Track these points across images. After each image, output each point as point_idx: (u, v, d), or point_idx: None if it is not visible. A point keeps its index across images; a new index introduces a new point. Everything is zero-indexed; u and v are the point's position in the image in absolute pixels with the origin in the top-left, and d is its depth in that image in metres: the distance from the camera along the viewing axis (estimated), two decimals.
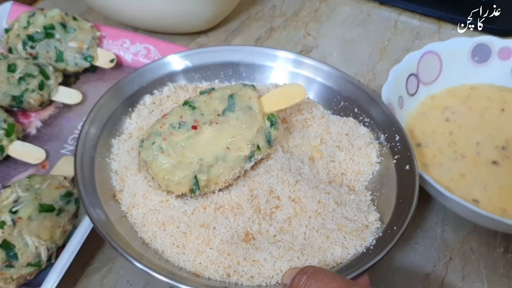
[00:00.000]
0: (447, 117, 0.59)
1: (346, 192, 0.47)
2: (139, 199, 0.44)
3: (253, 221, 0.43)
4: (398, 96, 0.56)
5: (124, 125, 0.51)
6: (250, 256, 0.41)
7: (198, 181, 0.43)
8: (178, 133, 0.44)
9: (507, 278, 0.48)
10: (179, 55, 0.54)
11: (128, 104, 0.51)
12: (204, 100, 0.47)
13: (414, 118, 0.58)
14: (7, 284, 0.43)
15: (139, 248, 0.40)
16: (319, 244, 0.42)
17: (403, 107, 0.57)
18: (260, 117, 0.46)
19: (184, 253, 0.41)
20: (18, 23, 0.63)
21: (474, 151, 0.55)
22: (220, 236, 0.42)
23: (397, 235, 0.40)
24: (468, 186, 0.52)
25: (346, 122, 0.52)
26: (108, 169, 0.46)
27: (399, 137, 0.48)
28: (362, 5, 0.81)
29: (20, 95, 0.57)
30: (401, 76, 0.57)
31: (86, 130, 0.46)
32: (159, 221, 0.42)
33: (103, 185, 0.44)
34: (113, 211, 0.43)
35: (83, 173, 0.43)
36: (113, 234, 0.40)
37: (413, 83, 0.59)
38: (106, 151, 0.48)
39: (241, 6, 0.77)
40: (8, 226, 0.45)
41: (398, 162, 0.47)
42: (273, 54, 0.56)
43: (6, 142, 0.54)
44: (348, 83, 0.54)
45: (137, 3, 0.65)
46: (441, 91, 0.61)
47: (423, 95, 0.60)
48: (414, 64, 0.59)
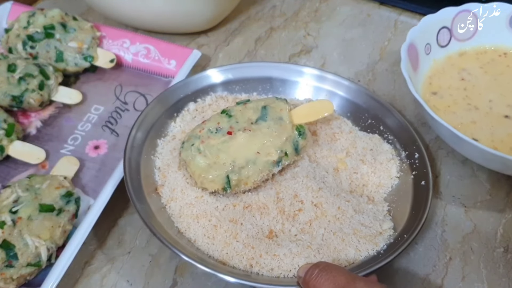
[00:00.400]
0: (462, 77, 0.61)
1: (365, 202, 0.50)
2: (177, 194, 0.49)
3: (277, 221, 0.48)
4: (425, 43, 0.60)
5: (169, 128, 0.56)
6: (272, 251, 0.45)
7: (230, 180, 0.48)
8: (215, 137, 0.49)
9: (507, 278, 0.48)
10: (222, 68, 0.60)
11: (174, 109, 0.57)
12: (240, 110, 0.52)
13: (437, 68, 0.61)
14: (7, 284, 0.43)
15: (174, 236, 0.45)
16: (335, 245, 0.46)
17: (429, 53, 0.60)
18: (289, 127, 0.50)
19: (214, 243, 0.46)
20: (18, 23, 0.63)
21: (487, 106, 0.58)
22: (246, 231, 0.47)
23: (407, 242, 0.45)
24: (477, 130, 0.55)
25: (371, 138, 0.56)
26: (153, 166, 0.52)
27: (418, 155, 0.53)
28: (362, 5, 0.81)
29: (20, 95, 0.57)
30: (433, 26, 0.61)
31: (134, 133, 0.52)
32: (194, 214, 0.48)
33: (147, 180, 0.50)
34: (154, 203, 0.48)
35: (130, 169, 0.49)
36: (154, 223, 0.45)
37: (445, 36, 0.62)
38: (152, 150, 0.53)
39: (241, 6, 0.77)
40: (8, 226, 0.45)
41: (415, 178, 0.52)
42: (311, 73, 0.61)
43: (6, 142, 0.54)
44: (376, 103, 0.58)
45: (137, 3, 0.65)
46: (471, 50, 0.64)
47: (454, 49, 0.63)
48: (449, 18, 0.61)
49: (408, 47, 0.57)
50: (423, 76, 0.61)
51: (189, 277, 0.48)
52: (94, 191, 0.53)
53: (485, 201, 0.55)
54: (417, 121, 0.62)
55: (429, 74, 0.61)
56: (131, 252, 0.49)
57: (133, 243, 0.50)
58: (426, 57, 0.60)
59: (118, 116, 0.61)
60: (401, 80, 0.68)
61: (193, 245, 0.46)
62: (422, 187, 0.50)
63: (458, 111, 0.57)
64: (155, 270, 0.48)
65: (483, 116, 0.57)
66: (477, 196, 0.55)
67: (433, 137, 0.60)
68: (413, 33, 0.58)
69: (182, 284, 0.47)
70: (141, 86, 0.65)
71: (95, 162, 0.56)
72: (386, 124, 0.57)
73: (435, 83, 0.60)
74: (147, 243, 0.50)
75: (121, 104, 0.63)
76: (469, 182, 0.56)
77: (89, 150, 0.57)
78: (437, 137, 0.60)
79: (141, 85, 0.65)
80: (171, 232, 0.46)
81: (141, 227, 0.51)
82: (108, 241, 0.50)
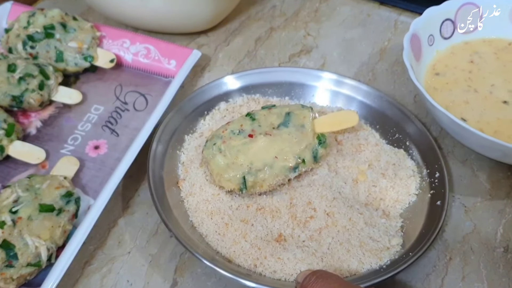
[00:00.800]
0: (472, 59, 0.62)
1: (379, 215, 0.50)
2: (196, 189, 0.51)
3: (287, 225, 0.49)
4: (428, 34, 0.61)
5: (198, 125, 0.58)
6: (277, 254, 0.46)
7: (246, 181, 0.49)
8: (236, 139, 0.50)
9: (507, 278, 0.48)
10: (256, 71, 0.62)
11: (205, 107, 0.59)
12: (264, 114, 0.53)
13: (441, 56, 0.63)
14: (7, 284, 0.43)
15: (187, 230, 0.47)
16: (339, 255, 0.47)
17: (433, 45, 0.61)
18: (310, 135, 0.51)
19: (223, 240, 0.47)
20: (18, 23, 0.63)
21: (488, 90, 0.58)
22: (255, 232, 0.48)
23: (409, 261, 0.45)
24: (467, 110, 0.56)
25: (396, 153, 0.56)
26: (177, 160, 0.55)
27: (439, 174, 0.53)
28: (362, 5, 0.81)
29: (20, 95, 0.57)
30: (436, 17, 0.62)
31: (163, 127, 0.54)
32: (208, 210, 0.49)
33: (170, 173, 0.53)
34: (174, 196, 0.51)
35: (154, 162, 0.51)
36: (169, 218, 0.47)
37: (448, 28, 0.62)
38: (179, 145, 0.56)
39: (241, 6, 0.78)
40: (8, 226, 0.45)
41: (432, 196, 0.52)
42: (347, 82, 0.61)
43: (6, 142, 0.54)
44: (407, 119, 0.58)
45: (137, 3, 0.65)
46: (477, 40, 0.64)
47: (458, 41, 0.63)
48: (452, 10, 0.62)
49: (411, 37, 0.58)
50: (425, 66, 0.61)
51: (189, 277, 0.48)
52: (94, 191, 0.53)
53: (485, 201, 0.55)
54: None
55: (433, 63, 0.61)
56: (131, 252, 0.49)
57: (133, 243, 0.50)
58: (429, 48, 0.60)
59: (118, 116, 0.61)
60: (401, 80, 0.68)
61: (204, 240, 0.48)
62: (437, 207, 0.50)
63: (455, 90, 0.58)
64: (155, 270, 0.48)
65: (480, 99, 0.57)
66: (477, 196, 0.55)
67: (434, 136, 0.60)
68: (416, 24, 0.59)
69: (182, 284, 0.47)
70: (141, 86, 0.65)
71: (95, 162, 0.56)
72: (412, 139, 0.56)
73: (442, 63, 0.61)
74: (147, 243, 0.50)
75: (121, 104, 0.63)
76: (469, 182, 0.57)
77: (89, 150, 0.57)
78: (438, 137, 0.60)
79: (141, 85, 0.65)
80: (185, 227, 0.48)
81: (141, 227, 0.51)
82: (108, 241, 0.50)
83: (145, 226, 0.51)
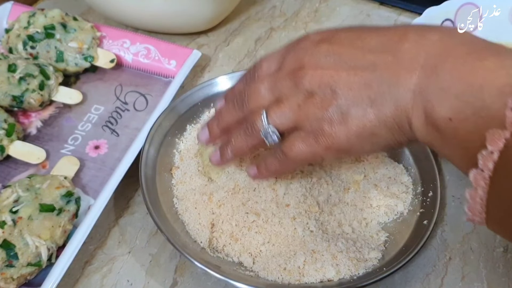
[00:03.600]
0: None
1: (363, 227, 0.49)
2: (186, 178, 0.52)
3: (267, 208, 0.49)
4: None
5: (203, 116, 0.58)
6: (239, 235, 0.47)
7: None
8: None
9: (507, 278, 0.48)
10: None
11: (212, 99, 0.59)
12: None
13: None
14: (7, 284, 0.43)
15: (171, 219, 0.48)
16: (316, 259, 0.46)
17: None
18: None
19: (203, 230, 0.48)
20: (18, 23, 0.63)
21: None
22: (235, 222, 0.48)
23: (378, 277, 0.43)
24: None
25: (395, 167, 0.54)
26: (175, 148, 0.55)
27: (432, 194, 0.51)
28: (362, 5, 0.81)
29: (20, 95, 0.57)
30: (436, 18, 0.61)
31: (165, 114, 0.55)
32: (194, 199, 0.50)
33: (164, 159, 0.54)
34: (164, 182, 0.52)
35: (149, 149, 0.52)
36: (154, 207, 0.48)
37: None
38: (179, 133, 0.56)
39: (241, 6, 0.78)
40: (9, 226, 0.45)
41: (420, 215, 0.50)
42: None
43: (6, 142, 0.54)
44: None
45: (138, 4, 0.65)
46: None
47: None
48: (452, 10, 0.62)
49: None
50: None
51: (189, 277, 0.48)
52: (94, 191, 0.53)
53: None
54: None
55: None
56: (131, 252, 0.49)
57: (133, 243, 0.50)
58: None
59: (118, 116, 0.61)
60: None
61: (184, 229, 0.48)
62: (423, 226, 0.48)
63: None
64: (155, 270, 0.48)
65: None
66: None
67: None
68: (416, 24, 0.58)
69: (182, 284, 0.47)
70: (141, 86, 0.65)
71: (96, 162, 0.56)
72: (413, 154, 0.54)
73: None
74: (147, 243, 0.50)
75: (121, 104, 0.63)
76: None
77: (89, 150, 0.57)
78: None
79: (141, 85, 0.65)
80: (169, 215, 0.48)
81: (141, 227, 0.51)
82: (108, 241, 0.50)
83: (145, 226, 0.51)
